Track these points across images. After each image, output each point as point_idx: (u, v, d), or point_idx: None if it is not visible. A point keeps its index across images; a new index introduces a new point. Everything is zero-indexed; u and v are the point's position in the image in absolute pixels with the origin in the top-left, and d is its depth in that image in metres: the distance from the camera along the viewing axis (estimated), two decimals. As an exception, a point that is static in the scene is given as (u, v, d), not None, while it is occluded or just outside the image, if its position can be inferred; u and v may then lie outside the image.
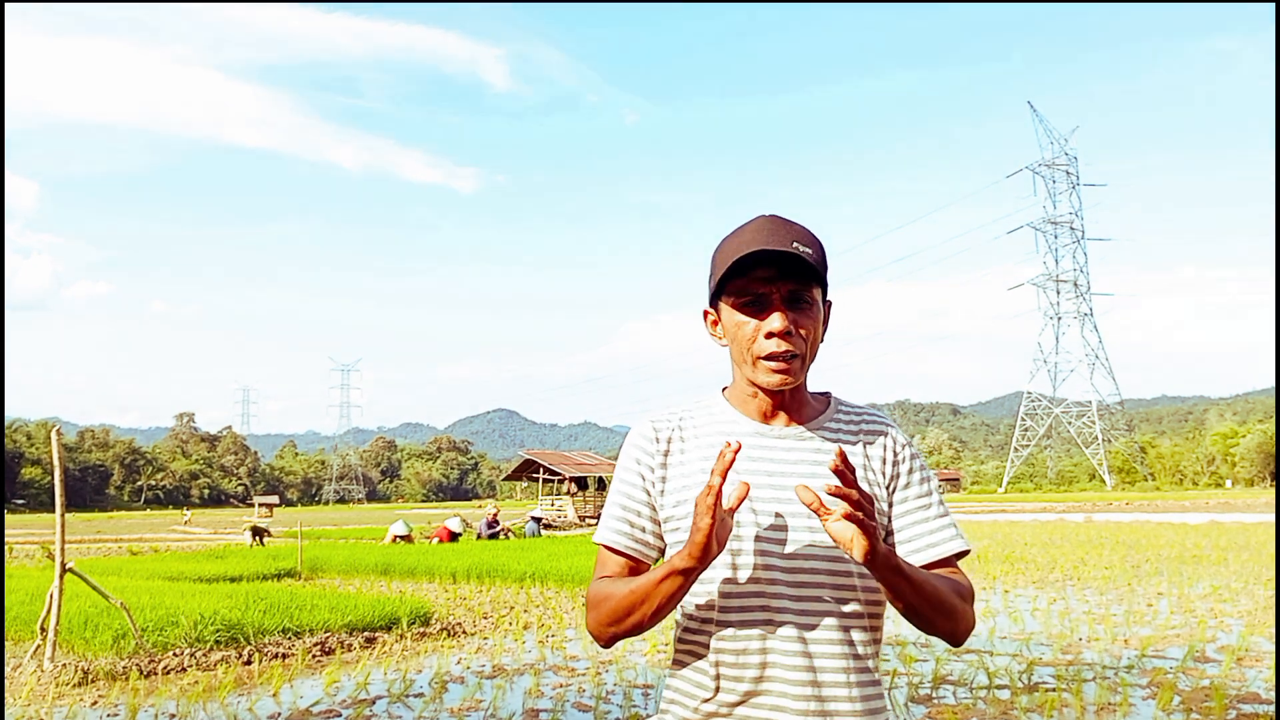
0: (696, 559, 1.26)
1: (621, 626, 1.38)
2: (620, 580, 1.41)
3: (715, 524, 1.24)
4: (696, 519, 1.24)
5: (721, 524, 1.28)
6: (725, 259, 1.39)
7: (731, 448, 1.23)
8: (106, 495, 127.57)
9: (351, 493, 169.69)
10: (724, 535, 1.28)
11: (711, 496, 1.22)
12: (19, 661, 7.24)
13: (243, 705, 6.03)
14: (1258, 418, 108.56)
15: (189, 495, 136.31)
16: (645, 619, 1.35)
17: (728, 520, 1.29)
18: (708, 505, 1.22)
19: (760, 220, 1.42)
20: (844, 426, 1.48)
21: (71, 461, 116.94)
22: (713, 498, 1.22)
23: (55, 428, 7.47)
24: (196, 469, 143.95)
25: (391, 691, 6.30)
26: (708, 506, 1.22)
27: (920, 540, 1.45)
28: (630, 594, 1.35)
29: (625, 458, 1.51)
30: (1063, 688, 5.90)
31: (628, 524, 1.48)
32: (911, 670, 6.54)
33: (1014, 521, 30.30)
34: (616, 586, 1.39)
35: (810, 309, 1.40)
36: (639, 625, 1.36)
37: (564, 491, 41.48)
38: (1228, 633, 7.94)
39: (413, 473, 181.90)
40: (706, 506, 1.22)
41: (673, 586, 1.31)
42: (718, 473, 1.22)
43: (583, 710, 5.69)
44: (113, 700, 6.20)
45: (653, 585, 1.33)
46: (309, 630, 8.23)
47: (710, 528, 1.23)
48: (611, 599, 1.39)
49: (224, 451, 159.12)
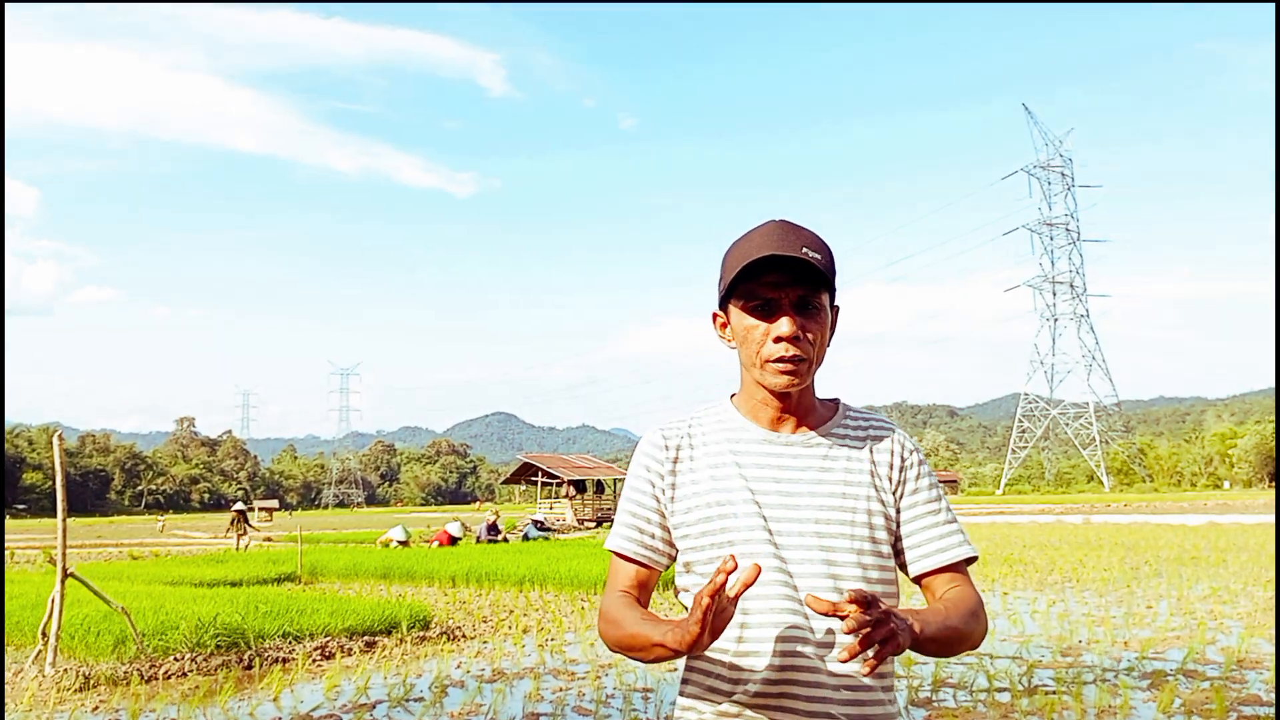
0: (685, 650, 1.24)
1: (625, 650, 1.41)
2: (631, 612, 1.42)
3: (707, 626, 1.20)
4: (690, 615, 1.21)
5: (719, 615, 1.23)
6: (735, 263, 1.41)
7: (728, 566, 1.16)
8: (107, 500, 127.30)
9: (351, 497, 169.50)
10: (721, 626, 1.24)
11: (706, 600, 1.17)
12: (20, 667, 7.24)
13: (243, 710, 6.04)
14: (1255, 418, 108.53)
15: (189, 500, 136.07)
16: (645, 661, 1.38)
17: (728, 610, 1.24)
18: (698, 616, 1.19)
19: (770, 225, 1.43)
20: (851, 432, 1.50)
21: (72, 466, 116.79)
22: (705, 605, 1.18)
23: (56, 433, 7.48)
24: (197, 473, 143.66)
25: (392, 695, 6.31)
26: (698, 617, 1.19)
27: (929, 546, 1.46)
28: (631, 637, 1.38)
29: (635, 466, 1.53)
30: (1063, 690, 5.91)
31: (638, 531, 1.50)
32: (911, 673, 6.55)
33: (1012, 523, 30.31)
34: (625, 619, 1.41)
35: (818, 314, 1.42)
36: (641, 661, 1.40)
37: (563, 495, 41.46)
38: (1227, 634, 7.95)
39: (412, 476, 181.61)
40: (698, 617, 1.19)
41: (663, 654, 1.32)
42: (715, 584, 1.16)
43: (583, 714, 5.70)
44: (114, 705, 6.21)
45: (648, 643, 1.33)
46: (309, 634, 8.23)
47: (702, 629, 1.20)
48: (619, 628, 1.41)
49: (224, 456, 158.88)
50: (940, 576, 1.47)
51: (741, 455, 1.46)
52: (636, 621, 1.39)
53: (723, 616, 1.25)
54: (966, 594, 1.44)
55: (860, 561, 1.41)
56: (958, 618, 1.37)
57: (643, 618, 1.39)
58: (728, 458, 1.46)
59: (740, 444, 1.47)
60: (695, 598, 1.21)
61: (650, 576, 1.51)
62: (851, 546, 1.40)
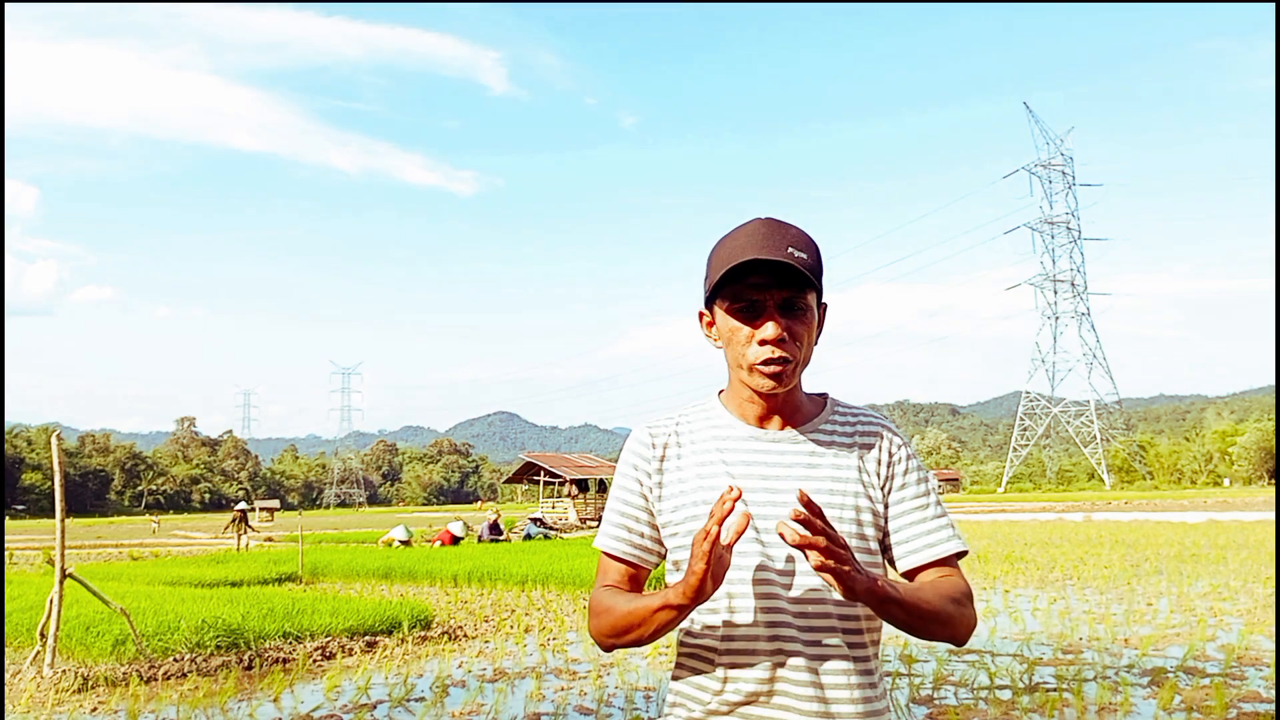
0: (690, 598, 1.26)
1: (621, 640, 1.41)
2: (622, 595, 1.43)
3: (710, 567, 1.23)
4: (692, 561, 1.24)
5: (719, 562, 1.27)
6: (720, 264, 1.39)
7: (733, 495, 1.22)
8: (107, 500, 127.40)
9: (352, 496, 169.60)
10: (720, 573, 1.28)
11: (708, 542, 1.21)
12: (19, 668, 7.23)
13: (244, 710, 6.03)
14: (1255, 416, 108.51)
15: (190, 500, 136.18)
16: (643, 639, 1.38)
17: (725, 558, 1.28)
18: (703, 551, 1.21)
19: (755, 224, 1.41)
20: (839, 429, 1.49)
21: (72, 467, 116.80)
22: (709, 543, 1.21)
23: (55, 433, 7.46)
24: (197, 473, 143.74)
25: (393, 696, 6.30)
26: (703, 552, 1.21)
27: (917, 541, 1.45)
28: (628, 614, 1.37)
29: (623, 464, 1.53)
30: (1063, 688, 5.91)
31: (626, 530, 1.49)
32: (913, 671, 6.55)
33: (1013, 521, 30.31)
34: (617, 602, 1.41)
35: (804, 315, 1.40)
36: (637, 642, 1.39)
37: (565, 494, 41.48)
38: (1227, 631, 7.95)
39: (413, 476, 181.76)
40: (702, 552, 1.22)
41: (667, 617, 1.32)
42: (716, 518, 1.21)
43: (584, 713, 5.69)
44: (113, 706, 6.20)
45: (649, 612, 1.34)
46: (310, 635, 8.23)
47: (705, 571, 1.23)
48: (612, 613, 1.40)
49: (225, 456, 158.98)
50: (929, 571, 1.45)
51: (728, 453, 1.45)
52: (629, 599, 1.40)
53: (720, 564, 1.28)
54: (953, 581, 1.42)
55: None
56: (933, 595, 1.35)
57: (634, 596, 1.40)
58: (715, 455, 1.45)
59: (727, 441, 1.46)
60: (694, 539, 1.24)
61: (639, 575, 1.51)
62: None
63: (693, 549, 1.23)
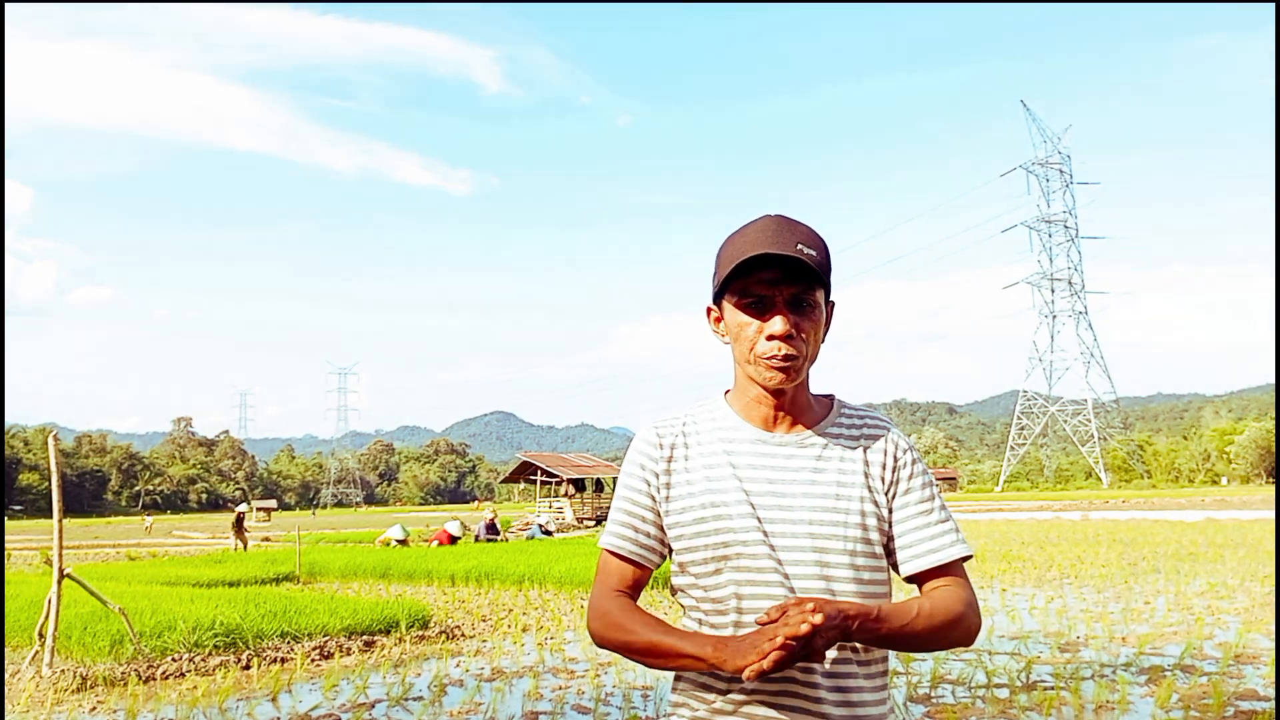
0: (727, 670, 1.29)
1: (628, 657, 1.42)
2: (640, 616, 1.42)
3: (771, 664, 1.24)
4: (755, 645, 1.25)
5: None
6: (729, 259, 1.40)
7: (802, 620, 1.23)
8: (104, 501, 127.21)
9: (349, 496, 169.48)
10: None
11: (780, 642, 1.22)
12: (18, 667, 7.23)
13: (242, 710, 6.03)
14: (1254, 414, 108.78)
15: (187, 500, 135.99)
16: (657, 666, 1.40)
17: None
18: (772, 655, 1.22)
19: (766, 220, 1.42)
20: (844, 431, 1.49)
21: (69, 467, 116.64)
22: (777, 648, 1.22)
23: (52, 433, 7.45)
24: (194, 474, 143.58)
25: (390, 695, 6.30)
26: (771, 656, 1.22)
27: (921, 546, 1.45)
28: (651, 646, 1.38)
29: (629, 464, 1.52)
30: (1061, 686, 5.92)
31: (633, 530, 1.49)
32: (910, 669, 6.55)
33: (1011, 520, 30.35)
34: (636, 623, 1.41)
35: (812, 311, 1.41)
36: (648, 664, 1.41)
37: (562, 493, 41.45)
38: (1225, 630, 7.96)
39: (410, 476, 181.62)
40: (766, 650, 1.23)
41: (692, 665, 1.35)
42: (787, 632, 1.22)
43: (582, 712, 5.70)
44: (111, 706, 6.20)
45: (675, 654, 1.36)
46: (308, 634, 8.22)
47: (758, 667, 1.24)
48: (629, 634, 1.41)
49: (221, 456, 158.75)
50: (933, 579, 1.45)
51: (736, 455, 1.45)
52: (652, 628, 1.39)
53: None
54: (954, 594, 1.42)
55: (853, 562, 1.41)
56: (924, 621, 1.36)
57: (657, 625, 1.40)
58: (722, 458, 1.45)
59: (734, 444, 1.46)
60: (763, 632, 1.25)
61: (643, 575, 1.50)
62: (845, 548, 1.40)
63: (760, 640, 1.25)
